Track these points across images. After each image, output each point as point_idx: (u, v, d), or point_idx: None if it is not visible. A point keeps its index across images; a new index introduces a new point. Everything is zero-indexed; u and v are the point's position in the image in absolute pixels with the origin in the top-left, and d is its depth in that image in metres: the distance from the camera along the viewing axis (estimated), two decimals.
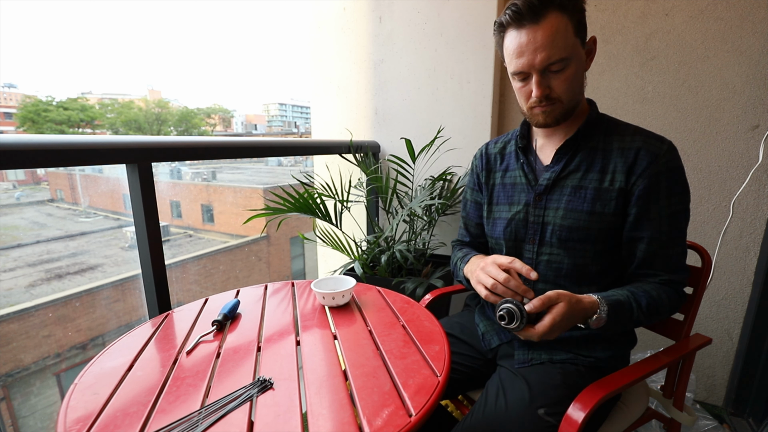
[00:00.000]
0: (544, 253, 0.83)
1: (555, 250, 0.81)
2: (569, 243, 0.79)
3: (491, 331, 0.94)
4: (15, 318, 3.78)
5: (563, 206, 0.80)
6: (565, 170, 0.81)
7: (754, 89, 1.32)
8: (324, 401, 0.56)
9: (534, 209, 0.83)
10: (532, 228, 0.84)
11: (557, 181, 0.81)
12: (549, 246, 0.82)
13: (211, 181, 8.71)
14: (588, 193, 0.78)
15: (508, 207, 0.88)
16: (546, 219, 0.82)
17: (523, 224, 0.85)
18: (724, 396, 1.54)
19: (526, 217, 0.85)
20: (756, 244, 1.40)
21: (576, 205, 0.78)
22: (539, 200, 0.83)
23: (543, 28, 0.69)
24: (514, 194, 0.88)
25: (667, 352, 0.83)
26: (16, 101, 44.97)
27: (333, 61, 1.88)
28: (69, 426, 0.52)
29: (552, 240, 0.81)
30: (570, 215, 0.79)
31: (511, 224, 0.87)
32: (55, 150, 0.80)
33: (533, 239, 0.84)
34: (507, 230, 0.87)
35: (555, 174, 0.81)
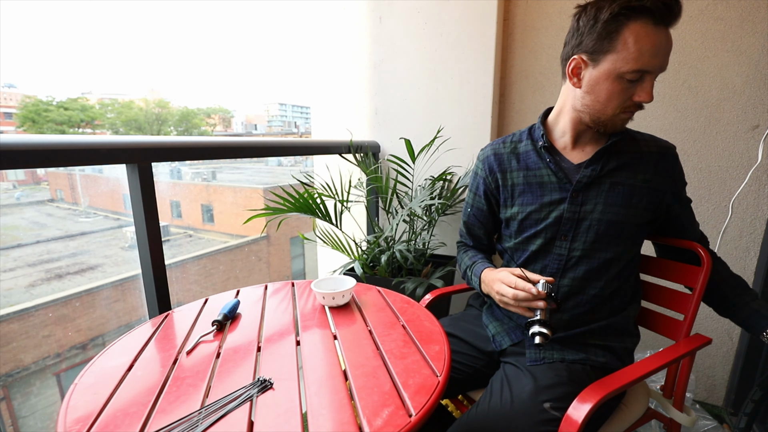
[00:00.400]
0: (577, 249, 0.85)
1: (588, 246, 0.84)
2: (605, 238, 0.83)
3: (502, 332, 0.94)
4: (15, 318, 3.78)
5: (602, 201, 0.83)
6: (604, 169, 0.83)
7: (754, 89, 1.32)
8: (324, 401, 0.56)
9: (570, 206, 0.84)
10: (566, 224, 0.85)
11: (596, 180, 0.84)
12: (583, 242, 0.84)
13: (211, 181, 8.71)
14: (624, 189, 0.82)
15: (539, 206, 0.88)
16: (582, 216, 0.84)
17: (556, 221, 0.86)
18: (723, 396, 1.54)
19: (560, 215, 0.85)
20: (756, 244, 1.40)
21: (615, 200, 0.82)
22: (576, 197, 0.84)
23: (670, 34, 0.72)
24: (544, 193, 0.88)
25: (667, 352, 0.83)
26: (16, 101, 44.99)
27: (333, 61, 1.88)
28: (69, 426, 0.52)
29: (588, 236, 0.84)
30: (609, 209, 0.82)
31: (545, 222, 0.87)
32: (55, 150, 0.80)
33: (566, 236, 0.85)
34: (539, 228, 0.87)
35: (595, 172, 0.83)
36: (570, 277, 0.85)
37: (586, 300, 0.85)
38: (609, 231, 0.82)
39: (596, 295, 0.84)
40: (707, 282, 0.89)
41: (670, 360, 0.80)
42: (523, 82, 1.65)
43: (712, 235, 1.45)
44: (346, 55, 1.85)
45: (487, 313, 1.02)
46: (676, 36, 1.38)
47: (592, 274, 0.84)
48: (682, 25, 1.37)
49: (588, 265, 0.84)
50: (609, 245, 0.83)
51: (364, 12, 1.77)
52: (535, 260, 0.90)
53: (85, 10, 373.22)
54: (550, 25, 1.56)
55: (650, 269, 1.02)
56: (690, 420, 0.90)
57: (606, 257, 0.83)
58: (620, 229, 0.82)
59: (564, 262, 0.86)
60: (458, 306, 1.77)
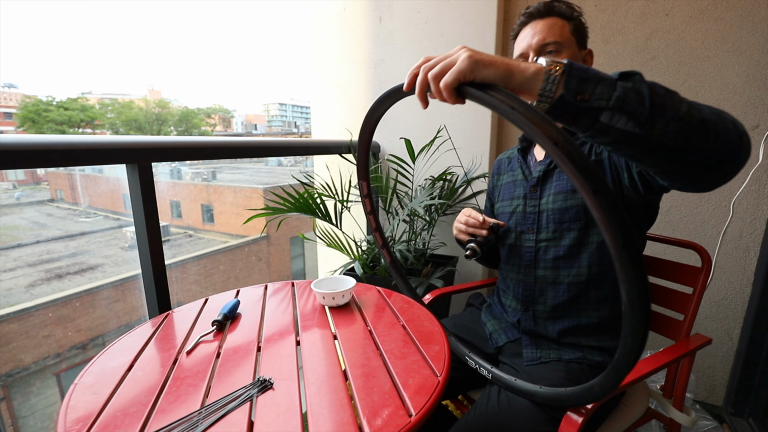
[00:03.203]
0: (542, 240, 0.88)
1: (551, 235, 0.86)
2: (563, 225, 0.85)
3: (499, 330, 0.96)
4: (15, 318, 3.78)
5: (552, 191, 0.86)
6: (552, 162, 0.88)
7: (754, 89, 1.32)
8: (324, 401, 0.56)
9: (530, 200, 0.90)
10: (529, 218, 0.90)
11: (548, 173, 0.88)
12: (546, 232, 0.87)
13: (211, 181, 8.71)
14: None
15: (510, 202, 0.96)
16: (541, 208, 0.88)
17: (521, 216, 0.92)
18: (724, 396, 1.54)
19: (524, 209, 0.92)
20: (756, 244, 1.40)
21: (561, 188, 0.85)
22: (534, 192, 0.90)
23: (544, 21, 0.83)
24: (514, 190, 0.96)
25: (667, 352, 0.83)
26: (16, 101, 44.96)
27: (333, 61, 1.88)
28: (69, 426, 0.52)
29: (548, 226, 0.87)
30: (557, 198, 0.85)
31: (513, 217, 0.94)
32: (55, 150, 0.80)
33: (531, 228, 0.90)
34: (509, 223, 0.95)
35: (545, 166, 0.88)
36: (542, 267, 0.88)
37: (564, 289, 0.85)
38: (564, 218, 0.84)
39: (572, 283, 0.84)
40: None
41: (670, 360, 0.80)
42: None
43: (712, 235, 1.45)
44: (346, 55, 1.85)
45: (485, 312, 1.03)
46: (676, 35, 1.39)
47: (561, 262, 0.86)
48: (681, 25, 1.37)
49: (555, 253, 0.86)
50: (569, 231, 0.84)
51: (364, 12, 1.77)
52: (512, 254, 0.95)
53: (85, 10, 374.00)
54: None
55: (650, 269, 1.02)
56: (690, 420, 0.90)
57: (570, 243, 0.84)
58: (574, 214, 0.83)
59: (534, 253, 0.89)
60: (458, 306, 1.77)
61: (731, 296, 1.46)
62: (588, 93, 0.46)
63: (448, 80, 0.49)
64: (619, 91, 0.46)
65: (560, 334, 0.86)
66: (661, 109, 0.47)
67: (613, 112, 0.46)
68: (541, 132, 0.41)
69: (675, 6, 1.37)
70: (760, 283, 1.38)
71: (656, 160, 0.52)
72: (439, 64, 0.51)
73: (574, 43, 0.84)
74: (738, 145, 0.51)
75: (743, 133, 0.52)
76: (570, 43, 0.83)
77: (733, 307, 1.47)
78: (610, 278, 0.83)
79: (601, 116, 0.47)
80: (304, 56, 2.00)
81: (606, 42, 1.48)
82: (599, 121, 0.47)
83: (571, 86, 0.47)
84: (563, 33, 0.82)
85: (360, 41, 1.80)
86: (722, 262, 1.45)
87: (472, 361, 0.84)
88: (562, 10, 0.84)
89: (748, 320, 1.44)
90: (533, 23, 0.84)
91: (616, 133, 0.47)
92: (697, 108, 0.50)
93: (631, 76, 0.48)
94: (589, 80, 0.47)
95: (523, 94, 0.49)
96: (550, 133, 0.40)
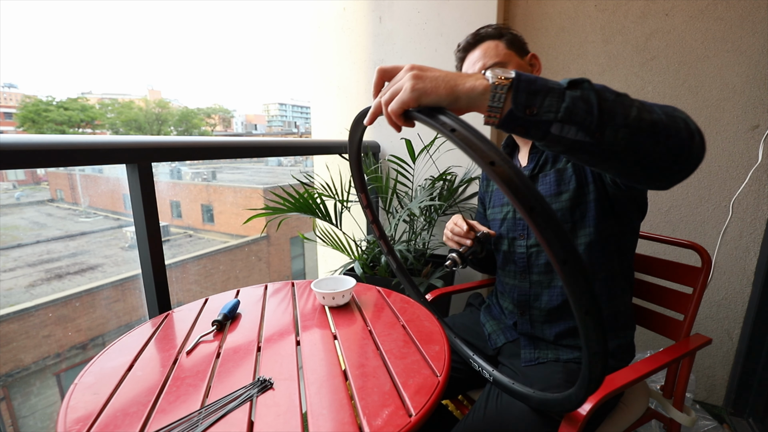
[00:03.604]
0: (533, 245, 0.88)
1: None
2: None
3: (497, 331, 0.97)
4: (15, 318, 3.78)
5: None
6: (536, 167, 0.88)
7: (754, 89, 1.32)
8: (324, 401, 0.56)
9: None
10: (519, 224, 0.91)
11: (532, 178, 0.88)
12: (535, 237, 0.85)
13: (211, 181, 8.71)
14: (552, 178, 0.85)
15: (500, 209, 0.97)
16: None
17: (512, 222, 0.93)
18: (724, 396, 1.54)
19: (514, 216, 0.93)
20: (756, 244, 1.40)
21: (546, 192, 0.85)
22: None
23: (478, 49, 0.88)
24: (503, 196, 0.96)
25: (667, 352, 0.83)
26: (16, 101, 44.96)
27: (333, 61, 1.88)
28: (69, 426, 0.52)
29: None
30: None
31: (504, 224, 0.95)
32: (55, 150, 0.79)
33: (522, 234, 0.90)
34: (501, 229, 0.95)
35: (529, 171, 0.89)
36: (536, 272, 0.89)
37: (558, 292, 0.86)
38: None
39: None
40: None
41: (670, 360, 0.81)
42: None
43: (712, 235, 1.45)
44: (346, 55, 1.85)
45: (484, 312, 1.04)
46: (676, 35, 1.39)
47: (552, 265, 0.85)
48: (682, 25, 1.38)
49: (546, 257, 0.86)
50: None
51: (364, 12, 1.77)
52: (506, 260, 0.95)
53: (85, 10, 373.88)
54: (550, 25, 1.56)
55: (650, 269, 1.02)
56: (690, 420, 0.90)
57: None
58: (560, 217, 0.82)
59: (527, 259, 0.90)
60: (458, 306, 1.77)
61: (731, 296, 1.46)
62: (536, 106, 0.46)
63: (393, 108, 0.50)
64: (567, 102, 0.46)
65: (557, 336, 0.86)
66: (610, 117, 0.47)
67: (563, 123, 0.46)
68: (477, 155, 0.41)
69: (675, 6, 1.37)
70: (760, 283, 1.38)
71: (610, 165, 0.52)
72: (388, 92, 0.51)
73: (515, 55, 0.87)
74: (689, 145, 0.51)
75: (694, 131, 0.52)
76: (510, 57, 0.86)
77: (733, 307, 1.47)
78: (602, 278, 0.83)
79: (551, 128, 0.47)
80: (304, 56, 2.00)
81: (606, 42, 1.48)
82: (550, 133, 0.47)
83: (520, 101, 0.46)
84: (499, 52, 0.86)
85: (360, 41, 1.80)
86: (722, 262, 1.45)
87: (475, 363, 0.84)
88: (489, 33, 0.88)
89: (748, 320, 1.44)
90: (469, 56, 0.89)
91: (568, 142, 0.48)
92: (647, 110, 0.49)
93: (580, 84, 0.47)
94: (537, 93, 0.46)
95: (473, 111, 0.50)
96: (485, 155, 0.41)
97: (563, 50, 1.56)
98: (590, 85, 0.47)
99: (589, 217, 0.81)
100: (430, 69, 0.50)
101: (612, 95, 0.49)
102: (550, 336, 0.87)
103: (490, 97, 0.47)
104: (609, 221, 0.81)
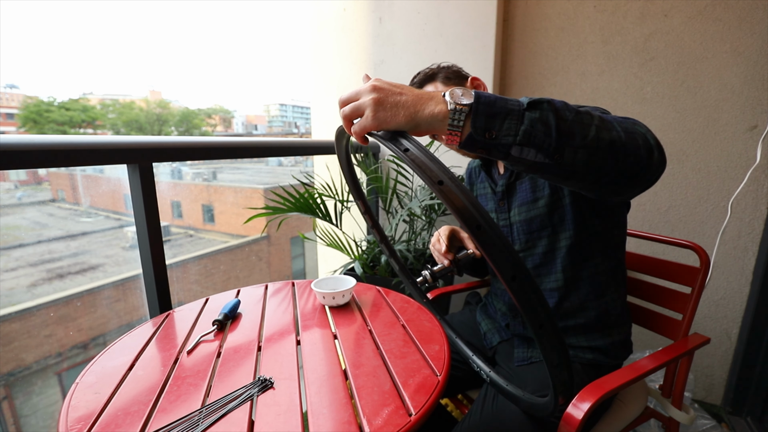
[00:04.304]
0: (518, 251, 0.88)
1: (524, 246, 0.87)
2: (533, 234, 0.85)
3: (492, 330, 0.97)
4: (17, 318, 3.79)
5: (516, 204, 0.87)
6: (512, 176, 0.88)
7: (753, 90, 1.32)
8: (324, 400, 0.57)
9: (500, 214, 0.91)
10: (504, 230, 0.91)
11: (510, 186, 0.89)
12: (519, 243, 0.88)
13: (211, 182, 8.70)
14: (527, 185, 0.85)
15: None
16: (511, 221, 0.89)
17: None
18: (722, 395, 1.54)
19: (497, 221, 0.92)
20: (754, 244, 1.40)
21: (523, 199, 0.86)
22: (501, 205, 0.90)
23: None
24: (486, 204, 0.96)
25: (666, 351, 0.83)
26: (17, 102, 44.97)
27: (333, 61, 1.88)
28: (70, 425, 0.52)
29: (520, 237, 0.87)
30: (522, 209, 0.86)
31: None
32: (57, 150, 0.80)
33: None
34: None
35: (506, 179, 0.89)
36: None
37: (546, 295, 0.86)
38: (532, 227, 0.85)
39: (553, 289, 0.84)
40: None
41: (669, 359, 0.81)
42: (522, 82, 1.66)
43: (710, 235, 1.45)
44: (346, 56, 1.85)
45: (480, 311, 1.04)
46: (675, 36, 1.39)
47: (539, 269, 0.86)
48: (680, 26, 1.38)
49: (532, 262, 0.86)
50: (540, 239, 0.84)
51: (364, 12, 1.77)
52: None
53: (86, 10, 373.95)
54: (549, 26, 1.57)
55: (649, 269, 1.02)
56: (688, 419, 0.90)
57: (543, 251, 0.84)
58: (539, 223, 0.83)
59: None
60: (458, 305, 1.77)
61: (730, 296, 1.47)
62: (495, 130, 0.47)
63: (355, 131, 0.51)
64: (525, 125, 0.46)
65: None
66: (568, 138, 0.48)
67: (522, 146, 0.47)
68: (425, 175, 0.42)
69: (674, 7, 1.38)
70: (759, 282, 1.39)
71: (573, 183, 0.54)
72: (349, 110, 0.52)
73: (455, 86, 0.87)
74: (647, 162, 0.52)
75: (653, 147, 0.53)
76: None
77: (731, 307, 1.47)
78: (585, 276, 0.82)
79: (511, 150, 0.48)
80: (304, 57, 2.01)
81: (605, 43, 1.49)
82: (511, 154, 0.48)
83: (479, 125, 0.47)
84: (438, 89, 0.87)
85: (360, 42, 1.80)
86: (721, 262, 1.46)
87: (475, 364, 0.84)
88: (422, 79, 0.91)
89: (746, 320, 1.44)
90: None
91: (528, 163, 0.49)
92: (606, 129, 0.50)
93: (539, 105, 0.48)
94: (496, 115, 0.47)
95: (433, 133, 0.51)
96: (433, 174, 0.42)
97: (562, 51, 1.56)
98: (549, 105, 0.48)
99: (567, 220, 0.80)
100: (392, 91, 0.49)
101: (571, 114, 0.49)
102: None
103: (449, 122, 0.48)
104: (590, 221, 0.80)
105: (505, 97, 0.48)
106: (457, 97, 0.47)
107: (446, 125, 0.48)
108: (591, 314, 0.84)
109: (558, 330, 0.43)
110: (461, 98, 0.47)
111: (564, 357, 0.45)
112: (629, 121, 0.55)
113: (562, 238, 0.82)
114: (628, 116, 0.58)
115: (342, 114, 0.53)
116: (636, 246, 1.40)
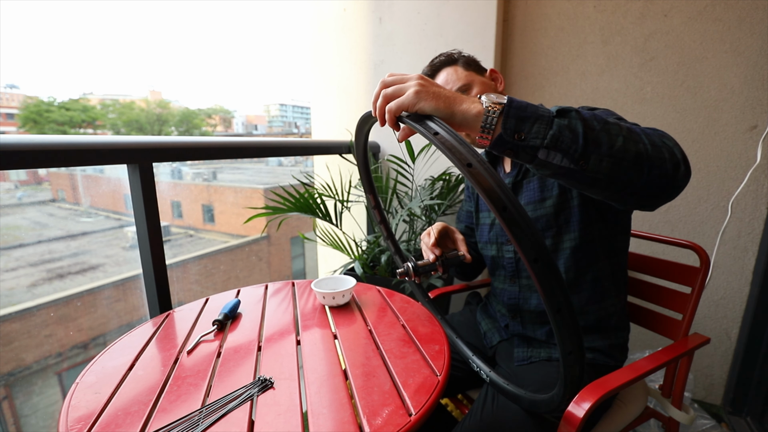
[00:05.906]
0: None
1: None
2: None
3: (492, 329, 0.97)
4: (17, 317, 3.79)
5: (523, 202, 0.86)
6: (519, 174, 0.88)
7: (753, 90, 1.32)
8: (324, 400, 0.57)
9: None
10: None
11: (517, 184, 0.88)
12: None
13: (211, 182, 8.71)
14: (534, 185, 0.85)
15: (488, 213, 0.97)
16: None
17: (500, 228, 0.93)
18: (722, 395, 1.54)
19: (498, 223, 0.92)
20: (754, 244, 1.40)
21: (529, 199, 0.85)
22: None
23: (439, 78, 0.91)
24: None
25: (666, 351, 0.83)
26: (18, 102, 44.97)
27: (333, 61, 1.88)
28: (71, 425, 0.52)
29: None
30: (528, 208, 0.85)
31: (492, 229, 0.95)
32: (57, 150, 0.80)
33: (509, 241, 0.90)
34: (490, 235, 0.95)
35: (513, 178, 0.88)
36: (525, 276, 0.89)
37: None
38: (538, 227, 0.84)
39: None
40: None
41: (669, 359, 0.81)
42: (522, 82, 1.66)
43: (710, 235, 1.45)
44: (346, 56, 1.85)
45: (480, 311, 1.04)
46: (675, 36, 1.39)
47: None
48: (680, 26, 1.38)
49: None
50: (546, 239, 0.84)
51: (364, 13, 1.77)
52: (495, 265, 0.95)
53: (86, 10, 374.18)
54: (549, 26, 1.57)
55: (649, 269, 1.02)
56: (688, 418, 0.90)
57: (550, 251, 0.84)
58: (545, 222, 0.82)
59: (515, 263, 0.90)
60: (458, 305, 1.77)
61: (729, 296, 1.47)
62: (525, 132, 0.49)
63: (391, 107, 0.52)
64: (554, 130, 0.48)
65: (549, 335, 0.87)
66: (594, 146, 0.49)
67: (549, 150, 0.49)
68: (455, 157, 0.43)
69: (674, 7, 1.38)
70: (759, 282, 1.39)
71: (595, 191, 0.54)
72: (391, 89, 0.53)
73: (476, 74, 0.90)
74: (672, 176, 0.53)
75: (679, 162, 0.54)
76: (472, 77, 0.89)
77: (731, 307, 1.47)
78: (586, 280, 0.83)
79: (539, 153, 0.49)
80: (304, 57, 2.01)
81: (605, 43, 1.49)
82: (537, 157, 0.50)
83: (509, 126, 0.49)
84: (460, 75, 0.88)
85: (360, 42, 1.80)
86: (721, 262, 1.46)
87: (474, 364, 0.85)
88: (443, 60, 0.91)
89: (746, 320, 1.44)
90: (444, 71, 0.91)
91: (554, 167, 0.50)
92: (633, 140, 0.51)
93: (567, 113, 0.50)
94: (526, 119, 0.49)
95: (465, 130, 0.52)
96: (463, 157, 0.43)
97: (562, 51, 1.56)
98: (577, 114, 0.50)
99: (573, 222, 0.81)
100: (436, 84, 0.53)
101: (599, 124, 0.50)
102: (542, 335, 0.87)
103: (482, 120, 0.49)
104: (595, 225, 0.80)
105: (536, 105, 0.50)
106: (492, 99, 0.50)
107: (479, 123, 0.50)
108: (591, 318, 0.84)
109: (575, 315, 0.44)
110: (495, 100, 0.50)
111: (578, 344, 0.46)
112: (657, 133, 0.56)
113: (566, 240, 0.82)
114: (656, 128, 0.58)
115: (383, 93, 0.54)
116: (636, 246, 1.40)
